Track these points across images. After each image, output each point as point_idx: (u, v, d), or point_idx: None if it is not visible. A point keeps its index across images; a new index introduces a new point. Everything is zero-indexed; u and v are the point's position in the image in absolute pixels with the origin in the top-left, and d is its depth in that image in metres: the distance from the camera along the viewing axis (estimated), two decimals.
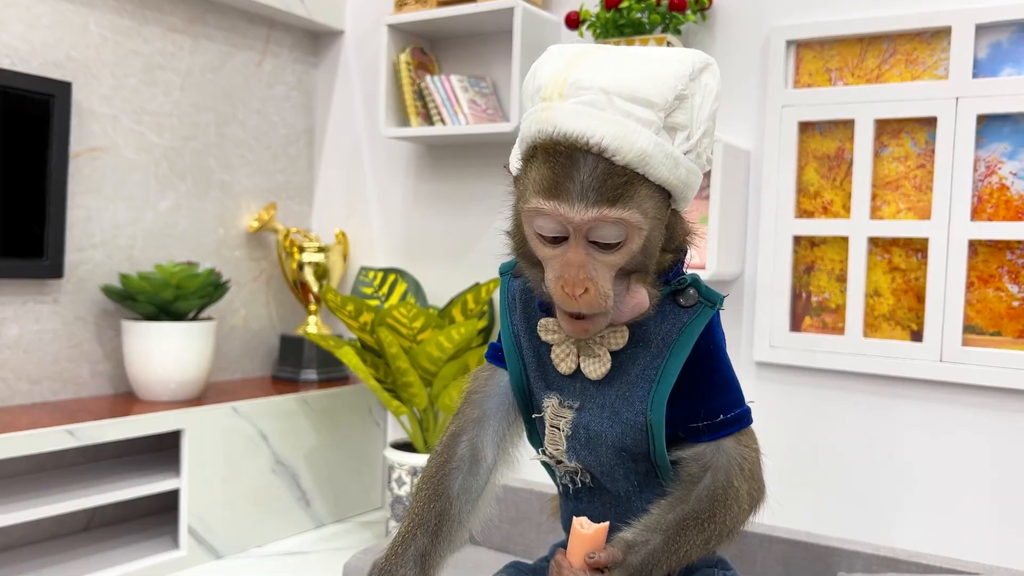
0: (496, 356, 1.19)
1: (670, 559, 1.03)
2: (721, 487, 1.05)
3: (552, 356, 1.09)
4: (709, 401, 1.07)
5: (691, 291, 1.06)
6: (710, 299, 1.06)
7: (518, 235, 1.02)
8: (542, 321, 1.09)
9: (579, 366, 1.08)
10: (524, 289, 1.14)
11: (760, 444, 1.11)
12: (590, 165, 0.91)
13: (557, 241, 0.96)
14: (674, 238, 1.03)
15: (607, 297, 0.96)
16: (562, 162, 0.92)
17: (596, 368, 1.06)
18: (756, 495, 1.09)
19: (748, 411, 1.10)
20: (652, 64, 0.94)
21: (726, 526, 1.05)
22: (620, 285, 0.98)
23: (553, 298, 0.98)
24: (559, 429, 1.10)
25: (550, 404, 1.11)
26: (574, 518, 1.00)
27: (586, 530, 0.99)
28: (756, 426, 1.11)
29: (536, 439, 1.18)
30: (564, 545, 1.34)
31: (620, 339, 1.05)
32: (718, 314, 1.09)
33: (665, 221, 0.99)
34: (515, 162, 1.04)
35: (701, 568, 1.17)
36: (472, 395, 1.18)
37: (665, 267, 1.04)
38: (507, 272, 1.19)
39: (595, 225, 0.92)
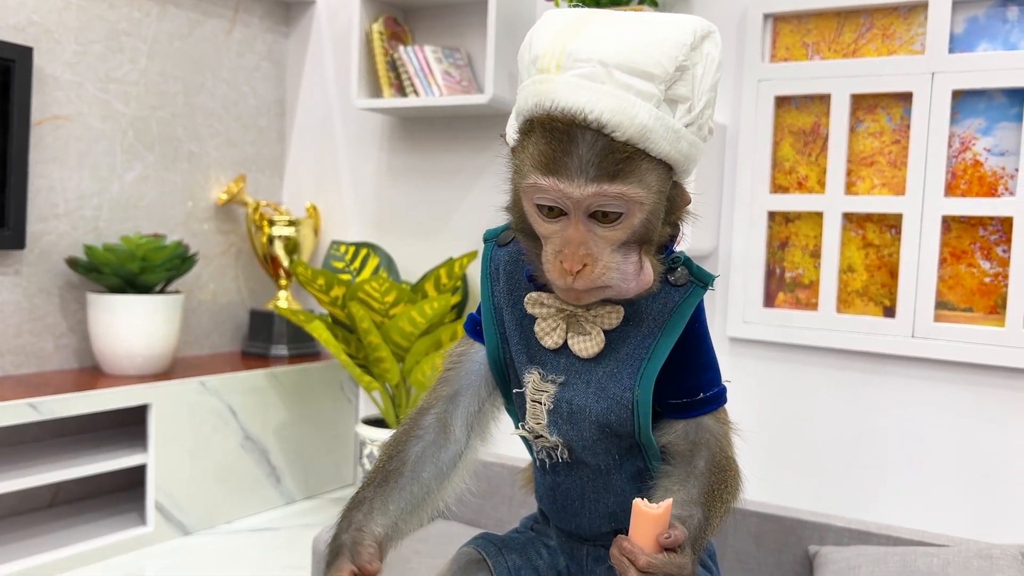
0: (474, 329, 1.16)
1: (709, 530, 1.03)
2: (722, 459, 1.06)
3: (536, 330, 1.07)
4: (691, 380, 1.07)
5: (682, 270, 1.04)
6: (701, 279, 1.05)
7: (517, 210, 1.00)
8: (530, 295, 1.06)
9: (566, 342, 1.06)
10: (509, 260, 1.12)
11: (733, 420, 1.12)
12: (589, 140, 0.89)
13: (557, 216, 0.94)
14: (674, 209, 1.01)
15: (609, 270, 0.94)
16: (560, 138, 0.90)
17: (587, 347, 1.05)
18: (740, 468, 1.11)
19: (725, 390, 1.11)
20: (652, 34, 0.91)
21: (733, 495, 1.07)
22: (631, 259, 0.96)
23: (548, 274, 0.96)
24: (540, 403, 1.08)
25: (531, 379, 1.08)
26: (636, 499, 0.93)
27: (655, 510, 0.92)
28: (729, 401, 1.13)
29: (515, 412, 1.16)
30: (536, 519, 1.33)
31: (615, 318, 1.03)
32: None
33: (667, 194, 0.97)
34: (512, 133, 1.00)
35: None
36: (446, 372, 1.15)
37: (664, 241, 1.02)
38: (491, 239, 1.16)
39: (595, 200, 0.91)
